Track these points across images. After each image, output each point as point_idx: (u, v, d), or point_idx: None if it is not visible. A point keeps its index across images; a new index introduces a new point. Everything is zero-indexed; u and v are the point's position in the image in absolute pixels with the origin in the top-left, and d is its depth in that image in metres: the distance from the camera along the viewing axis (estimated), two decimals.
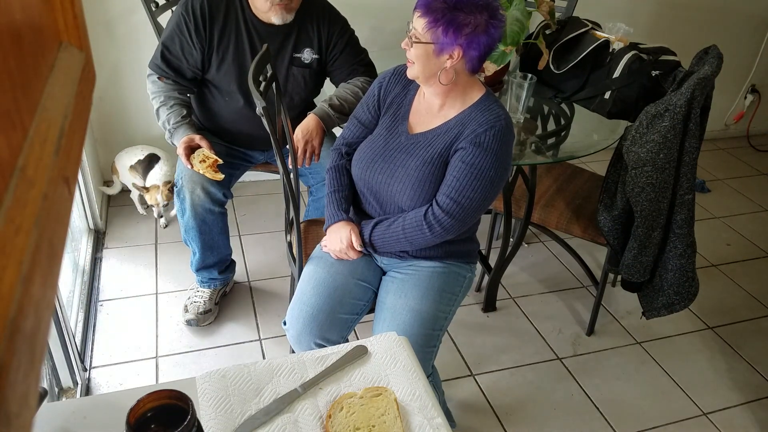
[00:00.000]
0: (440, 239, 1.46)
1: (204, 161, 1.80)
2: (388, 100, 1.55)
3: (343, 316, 1.49)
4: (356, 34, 2.02)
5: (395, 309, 1.47)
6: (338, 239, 1.53)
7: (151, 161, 2.53)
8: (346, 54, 1.96)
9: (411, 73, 1.42)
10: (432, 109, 1.48)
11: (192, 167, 1.81)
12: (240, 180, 2.12)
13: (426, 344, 1.45)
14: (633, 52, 2.05)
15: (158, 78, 1.90)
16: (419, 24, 1.33)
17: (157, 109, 1.88)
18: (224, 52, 1.87)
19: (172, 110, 1.86)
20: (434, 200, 1.43)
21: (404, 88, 1.54)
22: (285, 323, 1.52)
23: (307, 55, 1.93)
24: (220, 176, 1.80)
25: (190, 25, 1.82)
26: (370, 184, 1.53)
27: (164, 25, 2.14)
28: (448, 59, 1.35)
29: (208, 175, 1.79)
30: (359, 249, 1.52)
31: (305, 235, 1.81)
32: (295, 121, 1.87)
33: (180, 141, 1.83)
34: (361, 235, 1.52)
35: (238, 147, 2.07)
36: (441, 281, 1.51)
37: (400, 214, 1.49)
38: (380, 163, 1.49)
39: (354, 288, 1.53)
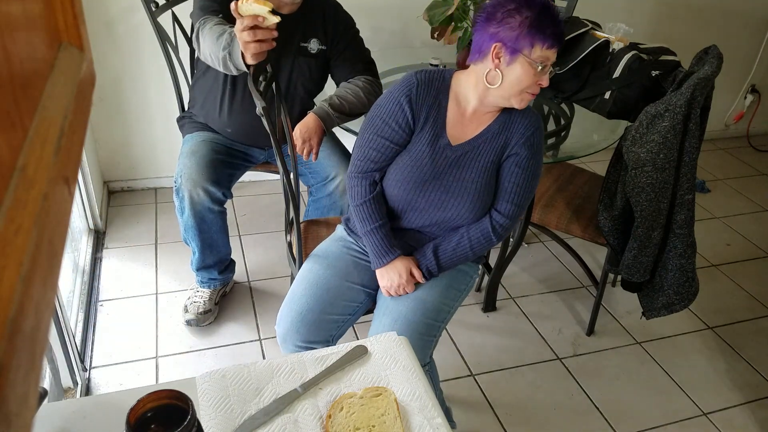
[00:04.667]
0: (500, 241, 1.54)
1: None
2: (423, 113, 1.44)
3: (333, 317, 1.49)
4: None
5: (399, 297, 1.49)
6: (396, 274, 1.48)
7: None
8: (350, 50, 1.97)
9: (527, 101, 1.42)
10: (465, 114, 1.45)
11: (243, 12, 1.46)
12: (240, 180, 2.12)
13: (426, 333, 1.45)
14: (633, 52, 2.05)
15: (210, 16, 1.71)
16: (555, 54, 1.39)
17: (218, 37, 1.61)
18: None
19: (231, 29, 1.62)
20: (494, 209, 1.47)
21: (435, 98, 1.45)
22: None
23: (314, 45, 1.94)
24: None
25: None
26: (416, 205, 1.49)
27: (164, 25, 2.15)
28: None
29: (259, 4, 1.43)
30: (421, 280, 1.51)
31: (305, 235, 1.82)
32: (297, 114, 1.86)
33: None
34: (422, 264, 1.51)
35: (239, 146, 2.06)
36: (449, 277, 1.54)
37: (455, 230, 1.49)
38: (432, 182, 1.45)
39: (347, 291, 1.53)
